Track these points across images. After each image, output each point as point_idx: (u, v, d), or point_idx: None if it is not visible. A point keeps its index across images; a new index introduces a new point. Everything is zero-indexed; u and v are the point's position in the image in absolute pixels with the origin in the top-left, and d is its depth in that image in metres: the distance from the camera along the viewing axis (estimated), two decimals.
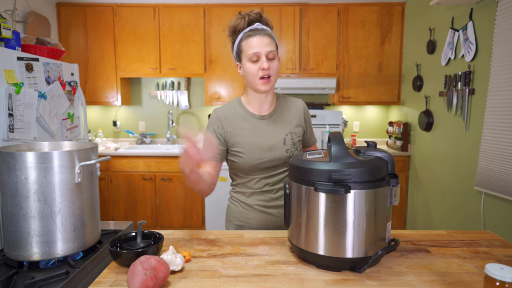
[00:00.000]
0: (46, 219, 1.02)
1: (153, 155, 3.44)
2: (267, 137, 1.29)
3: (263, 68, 1.21)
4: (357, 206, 0.89)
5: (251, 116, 1.32)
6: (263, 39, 1.21)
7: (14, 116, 1.89)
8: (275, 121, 1.32)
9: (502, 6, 2.13)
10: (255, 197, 1.33)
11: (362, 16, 3.58)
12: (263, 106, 1.32)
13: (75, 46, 3.65)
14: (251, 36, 1.21)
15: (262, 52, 1.20)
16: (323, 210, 0.91)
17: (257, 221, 1.33)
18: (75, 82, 2.52)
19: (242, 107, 1.33)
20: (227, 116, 1.31)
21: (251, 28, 1.23)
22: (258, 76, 1.22)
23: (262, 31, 1.22)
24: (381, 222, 0.93)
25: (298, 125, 1.35)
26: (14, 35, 2.03)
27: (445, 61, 2.77)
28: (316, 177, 0.91)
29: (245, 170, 1.30)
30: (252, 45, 1.20)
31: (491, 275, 0.70)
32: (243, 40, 1.23)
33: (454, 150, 2.70)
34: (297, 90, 3.63)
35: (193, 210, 3.53)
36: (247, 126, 1.30)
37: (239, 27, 1.25)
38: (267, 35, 1.22)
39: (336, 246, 0.91)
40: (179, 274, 0.93)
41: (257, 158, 1.27)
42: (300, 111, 1.37)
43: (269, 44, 1.21)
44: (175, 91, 3.98)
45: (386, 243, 0.96)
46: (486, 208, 2.32)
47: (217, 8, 3.57)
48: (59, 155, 1.02)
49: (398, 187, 0.95)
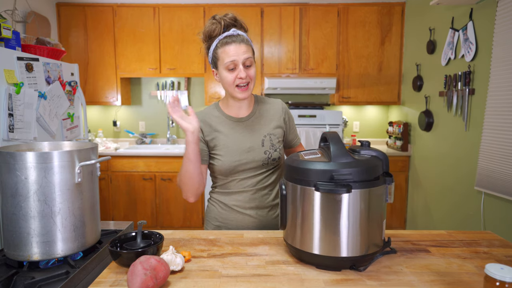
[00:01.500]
0: (46, 219, 1.02)
1: (153, 155, 3.44)
2: (245, 139, 1.29)
3: (240, 77, 1.20)
4: (356, 205, 0.90)
5: (228, 119, 1.31)
6: (240, 46, 1.19)
7: (14, 116, 1.89)
8: (253, 123, 1.32)
9: (502, 6, 2.13)
10: (234, 198, 1.33)
11: (362, 16, 3.58)
12: (241, 109, 1.32)
13: (75, 46, 3.65)
14: (227, 43, 1.19)
15: (239, 60, 1.18)
16: (319, 210, 0.91)
17: (235, 222, 1.34)
18: (75, 82, 2.52)
19: (219, 111, 1.33)
20: (205, 120, 1.31)
21: (227, 35, 1.20)
22: (235, 85, 1.21)
23: (238, 37, 1.20)
24: (378, 220, 0.94)
25: (277, 126, 1.34)
26: (14, 35, 2.03)
27: (445, 61, 2.77)
28: (317, 178, 0.91)
29: (224, 172, 1.30)
30: (229, 53, 1.18)
31: (491, 275, 0.70)
32: (219, 48, 1.21)
33: (454, 150, 2.70)
34: (297, 90, 3.63)
35: (193, 210, 3.53)
36: (225, 129, 1.30)
37: (215, 33, 1.22)
38: (243, 42, 1.20)
39: (332, 245, 0.91)
40: (179, 274, 0.93)
41: (235, 160, 1.27)
42: (279, 112, 1.36)
43: (245, 51, 1.19)
44: (175, 91, 3.98)
45: (382, 241, 0.97)
46: (486, 208, 2.32)
47: (217, 8, 3.57)
48: (59, 155, 1.02)
49: (393, 185, 0.97)
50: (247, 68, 1.21)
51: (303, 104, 3.59)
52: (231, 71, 1.20)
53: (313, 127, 3.45)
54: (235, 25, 1.24)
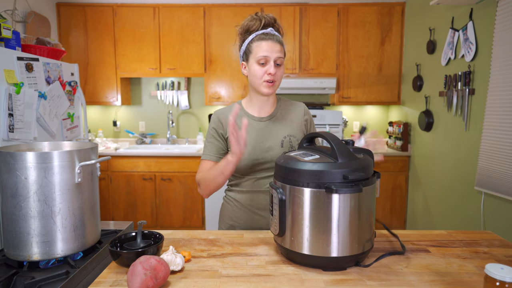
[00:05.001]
0: (46, 219, 1.02)
1: (153, 155, 3.44)
2: (265, 138, 1.30)
3: (269, 73, 1.22)
4: (361, 203, 0.91)
5: (250, 118, 1.32)
6: (275, 44, 1.23)
7: (14, 116, 1.89)
8: (274, 123, 1.33)
9: (502, 6, 2.13)
10: (249, 197, 1.33)
11: (362, 16, 3.58)
12: (263, 108, 1.33)
13: (75, 46, 3.65)
14: (263, 39, 1.23)
15: (272, 57, 1.22)
16: (338, 211, 0.90)
17: (249, 222, 1.34)
18: (75, 82, 2.52)
19: (242, 110, 1.35)
20: (227, 117, 1.32)
21: (265, 32, 1.25)
22: (263, 79, 1.24)
23: (274, 36, 1.24)
24: (373, 215, 0.97)
25: (298, 129, 1.35)
26: (14, 35, 2.03)
27: (445, 61, 2.77)
28: (330, 179, 0.88)
29: (241, 170, 1.31)
30: (264, 48, 1.22)
31: (491, 275, 0.70)
32: (254, 42, 1.24)
33: (454, 150, 2.70)
34: (297, 90, 3.63)
35: (193, 210, 3.53)
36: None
37: (252, 28, 1.26)
38: (279, 42, 1.25)
39: (350, 244, 0.91)
40: (179, 274, 0.93)
41: (253, 158, 1.28)
42: (301, 114, 1.38)
43: (279, 50, 1.23)
44: (175, 91, 3.98)
45: (373, 238, 0.99)
46: (486, 208, 2.32)
47: (217, 8, 3.57)
48: (59, 155, 1.02)
49: (379, 180, 1.00)
50: (277, 66, 1.24)
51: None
52: (262, 66, 1.23)
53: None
54: (273, 26, 1.28)
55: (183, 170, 3.46)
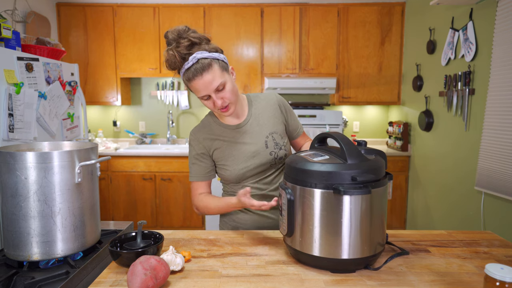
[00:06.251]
0: (46, 219, 1.02)
1: (153, 155, 3.44)
2: (248, 144, 1.28)
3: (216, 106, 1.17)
4: (372, 204, 0.91)
5: (227, 128, 1.30)
6: (204, 78, 1.10)
7: (14, 116, 1.89)
8: (252, 126, 1.30)
9: (502, 6, 2.13)
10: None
11: (362, 16, 3.58)
12: (236, 116, 1.30)
13: (75, 46, 3.65)
14: (190, 80, 1.12)
15: (210, 91, 1.13)
16: (348, 213, 0.89)
17: (253, 223, 1.33)
18: (75, 82, 2.52)
19: (216, 122, 1.31)
20: (204, 135, 1.30)
21: (187, 68, 1.11)
22: (216, 110, 1.20)
23: (198, 68, 1.09)
24: (382, 219, 0.95)
25: (277, 122, 1.32)
26: (14, 35, 2.03)
27: (445, 61, 2.77)
28: (338, 180, 0.88)
29: (233, 180, 1.30)
30: (197, 89, 1.13)
31: (491, 275, 0.70)
32: (186, 83, 1.15)
33: (454, 150, 2.70)
34: (297, 90, 3.63)
35: (193, 210, 3.53)
36: (226, 138, 1.29)
37: (175, 65, 1.14)
38: (205, 69, 1.10)
39: (360, 246, 0.91)
40: (179, 274, 0.93)
41: (242, 167, 1.26)
42: (275, 105, 1.34)
43: (211, 80, 1.11)
44: (175, 91, 3.98)
45: (384, 240, 0.97)
46: (486, 208, 2.32)
47: (217, 8, 3.57)
48: (59, 155, 1.02)
49: (391, 182, 0.98)
50: (221, 91, 1.15)
51: (303, 104, 3.59)
52: (208, 100, 1.17)
53: (313, 127, 3.45)
54: (192, 47, 1.12)
55: (183, 170, 3.46)
